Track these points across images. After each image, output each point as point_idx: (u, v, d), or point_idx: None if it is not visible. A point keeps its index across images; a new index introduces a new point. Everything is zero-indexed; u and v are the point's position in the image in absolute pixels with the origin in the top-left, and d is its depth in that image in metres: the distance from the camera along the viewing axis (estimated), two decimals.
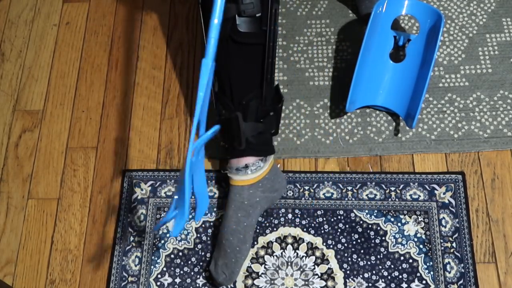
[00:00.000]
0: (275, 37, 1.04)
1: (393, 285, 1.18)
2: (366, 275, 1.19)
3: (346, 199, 1.25)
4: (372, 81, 1.32)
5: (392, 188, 1.26)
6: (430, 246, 1.20)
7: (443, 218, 1.22)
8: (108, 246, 1.26)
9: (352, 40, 1.44)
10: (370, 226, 1.23)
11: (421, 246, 1.20)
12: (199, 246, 1.24)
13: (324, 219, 1.24)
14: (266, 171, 1.17)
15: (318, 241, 1.22)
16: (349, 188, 1.26)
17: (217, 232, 1.23)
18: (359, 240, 1.22)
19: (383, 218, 1.23)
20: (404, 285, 1.17)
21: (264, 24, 1.01)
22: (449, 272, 1.18)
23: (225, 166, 1.20)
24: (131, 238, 1.25)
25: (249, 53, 1.06)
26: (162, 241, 1.24)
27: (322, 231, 1.23)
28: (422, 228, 1.22)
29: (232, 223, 1.16)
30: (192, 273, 1.21)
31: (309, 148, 1.32)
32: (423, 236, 1.21)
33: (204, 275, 1.21)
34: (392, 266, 1.19)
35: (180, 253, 1.23)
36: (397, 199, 1.25)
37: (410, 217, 1.23)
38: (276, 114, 1.16)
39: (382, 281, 1.18)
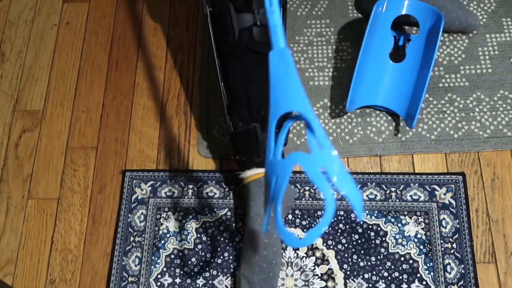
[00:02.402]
0: (284, 31, 1.04)
1: (393, 285, 1.18)
2: (366, 275, 1.19)
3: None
4: (372, 81, 1.32)
5: (393, 189, 1.26)
6: (430, 247, 1.20)
7: (444, 219, 1.22)
8: (108, 246, 1.26)
9: (352, 40, 1.44)
10: (370, 226, 1.23)
11: (421, 247, 1.20)
12: (199, 246, 1.24)
13: None
14: None
15: (318, 241, 1.22)
16: None
17: (217, 232, 1.23)
18: (359, 241, 1.22)
19: (384, 219, 1.23)
20: (404, 285, 1.17)
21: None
22: (450, 273, 1.18)
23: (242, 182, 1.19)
24: (131, 238, 1.25)
25: (265, 63, 1.06)
26: (162, 241, 1.24)
27: (322, 232, 1.23)
28: (422, 229, 1.22)
29: (263, 237, 1.14)
30: (192, 273, 1.21)
31: (309, 148, 1.32)
32: (424, 237, 1.21)
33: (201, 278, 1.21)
34: (393, 267, 1.19)
35: (180, 254, 1.23)
36: (397, 200, 1.25)
37: (410, 217, 1.23)
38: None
39: (382, 282, 1.18)
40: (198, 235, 1.25)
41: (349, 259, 1.20)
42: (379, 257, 1.20)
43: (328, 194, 0.66)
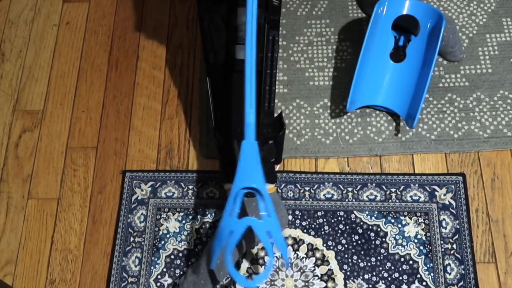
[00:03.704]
0: (273, 64, 1.01)
1: (393, 286, 1.18)
2: (366, 276, 1.19)
3: (347, 200, 1.25)
4: (373, 81, 1.32)
5: (393, 190, 1.26)
6: (430, 248, 1.20)
7: (444, 219, 1.22)
8: (108, 246, 1.26)
9: (352, 40, 1.44)
10: (370, 227, 1.23)
11: (421, 247, 1.20)
12: (199, 247, 1.24)
13: (325, 220, 1.24)
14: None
15: (318, 242, 1.22)
16: (350, 189, 1.26)
17: None
18: (359, 241, 1.22)
19: (384, 220, 1.23)
20: (404, 286, 1.18)
21: (260, 51, 0.99)
22: (450, 274, 1.18)
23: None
24: (131, 239, 1.25)
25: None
26: (162, 242, 1.24)
27: (323, 232, 1.23)
28: (422, 229, 1.22)
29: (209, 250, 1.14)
30: None
31: (309, 148, 1.32)
32: (424, 238, 1.21)
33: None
34: (393, 268, 1.19)
35: (180, 254, 1.23)
36: (397, 201, 1.25)
37: (410, 218, 1.23)
38: (276, 142, 1.13)
39: (382, 282, 1.18)
40: (198, 236, 1.25)
41: (349, 260, 1.20)
42: (379, 257, 1.20)
43: (269, 250, 0.95)
